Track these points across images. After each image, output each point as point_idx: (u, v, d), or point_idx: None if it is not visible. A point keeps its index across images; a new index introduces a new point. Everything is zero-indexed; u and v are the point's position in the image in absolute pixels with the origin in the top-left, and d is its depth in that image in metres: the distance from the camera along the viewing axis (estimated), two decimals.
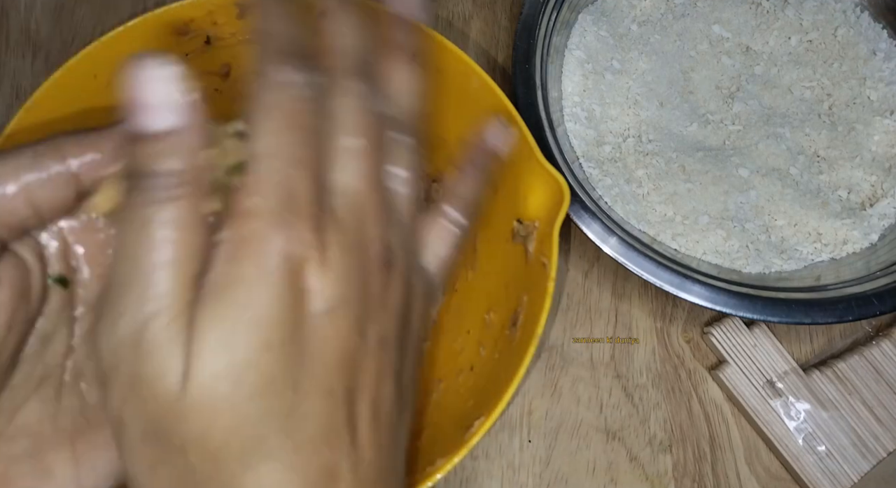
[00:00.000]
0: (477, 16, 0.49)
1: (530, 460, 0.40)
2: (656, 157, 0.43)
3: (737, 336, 0.41)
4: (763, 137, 0.44)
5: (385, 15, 0.26)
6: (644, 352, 0.42)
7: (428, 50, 0.27)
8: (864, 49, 0.47)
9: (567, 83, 0.44)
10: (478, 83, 0.34)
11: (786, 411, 0.40)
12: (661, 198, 0.42)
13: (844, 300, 0.38)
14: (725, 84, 0.46)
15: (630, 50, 0.46)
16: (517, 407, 0.41)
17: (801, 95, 0.46)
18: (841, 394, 0.40)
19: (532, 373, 0.41)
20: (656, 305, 0.43)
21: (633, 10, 0.48)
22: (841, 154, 0.44)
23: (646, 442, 0.40)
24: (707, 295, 0.37)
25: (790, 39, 0.47)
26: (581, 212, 0.38)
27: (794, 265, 0.41)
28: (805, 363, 0.42)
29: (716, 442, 0.40)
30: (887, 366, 0.41)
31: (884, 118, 0.45)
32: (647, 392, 0.41)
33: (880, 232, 0.42)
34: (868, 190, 0.44)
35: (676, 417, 0.41)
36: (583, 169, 0.42)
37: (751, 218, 0.42)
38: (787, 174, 0.43)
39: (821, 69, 0.46)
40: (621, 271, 0.42)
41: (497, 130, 0.30)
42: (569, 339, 0.42)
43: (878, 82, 0.46)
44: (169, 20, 0.33)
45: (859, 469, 0.39)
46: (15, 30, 0.47)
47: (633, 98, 0.45)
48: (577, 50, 0.45)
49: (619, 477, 0.39)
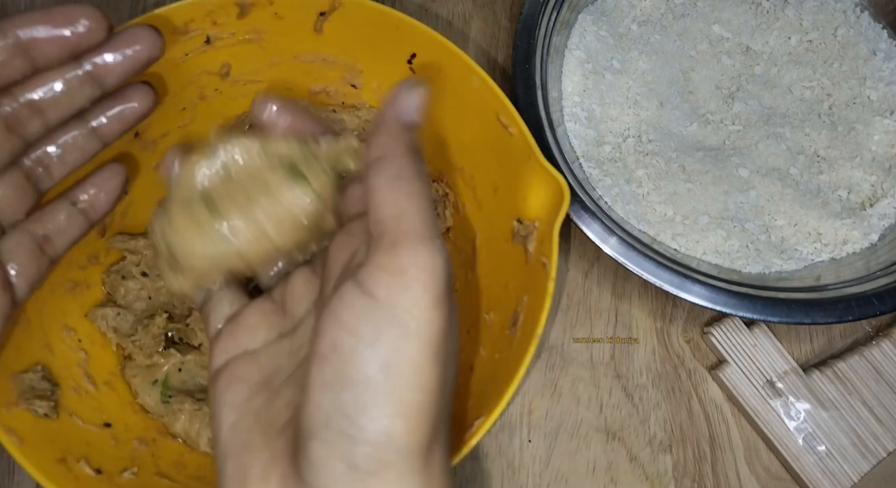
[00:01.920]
0: (477, 16, 0.49)
1: (530, 460, 0.40)
2: (656, 157, 0.43)
3: (737, 336, 0.41)
4: (763, 137, 0.44)
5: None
6: (644, 352, 0.42)
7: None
8: (864, 49, 0.47)
9: (567, 83, 0.44)
10: (478, 83, 0.34)
11: (786, 411, 0.40)
12: (661, 198, 0.42)
13: (844, 300, 0.38)
14: (725, 84, 0.46)
15: (630, 50, 0.46)
16: (517, 407, 0.41)
17: (801, 95, 0.46)
18: (841, 394, 0.40)
19: (532, 373, 0.41)
20: (656, 305, 0.43)
21: (633, 10, 0.48)
22: (841, 154, 0.44)
23: (646, 442, 0.40)
24: (707, 295, 0.37)
25: (790, 39, 0.47)
26: (581, 212, 0.38)
27: (794, 265, 0.41)
28: (805, 363, 0.42)
29: (716, 442, 0.40)
30: (887, 365, 0.41)
31: (884, 118, 0.45)
32: (647, 392, 0.41)
33: (880, 232, 0.42)
34: (868, 190, 0.44)
35: (676, 417, 0.41)
36: (583, 169, 0.42)
37: (751, 218, 0.42)
38: (787, 174, 0.43)
39: (821, 69, 0.46)
40: (621, 271, 0.42)
41: (404, 95, 0.27)
42: (569, 339, 0.42)
43: (878, 82, 0.46)
44: (169, 20, 0.33)
45: (859, 469, 0.39)
46: None
47: (633, 98, 0.45)
48: (577, 50, 0.45)
49: (619, 477, 0.39)
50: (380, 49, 0.37)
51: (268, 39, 0.37)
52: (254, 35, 0.36)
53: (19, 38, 0.25)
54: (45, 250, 0.29)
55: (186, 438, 0.35)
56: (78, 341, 0.35)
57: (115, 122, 0.29)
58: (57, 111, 0.27)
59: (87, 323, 0.36)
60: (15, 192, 0.28)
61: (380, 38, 0.36)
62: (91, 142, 0.29)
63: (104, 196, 0.31)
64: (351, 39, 0.37)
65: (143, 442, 0.34)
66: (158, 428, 0.35)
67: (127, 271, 0.38)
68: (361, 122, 0.40)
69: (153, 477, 0.33)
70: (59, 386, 0.33)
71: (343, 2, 0.35)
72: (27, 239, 0.29)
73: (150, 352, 0.37)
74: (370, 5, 0.35)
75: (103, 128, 0.29)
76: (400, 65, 0.37)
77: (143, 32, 0.27)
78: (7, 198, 0.27)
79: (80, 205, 0.30)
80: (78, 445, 0.31)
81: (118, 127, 0.30)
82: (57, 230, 0.30)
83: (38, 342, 0.33)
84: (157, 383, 0.36)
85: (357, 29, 0.36)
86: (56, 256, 0.30)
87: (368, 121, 0.40)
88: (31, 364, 0.32)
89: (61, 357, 0.34)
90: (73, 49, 0.26)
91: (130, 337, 0.37)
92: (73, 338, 0.35)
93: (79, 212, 0.30)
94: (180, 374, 0.37)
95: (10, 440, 0.29)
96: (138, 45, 0.27)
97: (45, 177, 0.29)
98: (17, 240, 0.28)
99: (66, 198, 0.30)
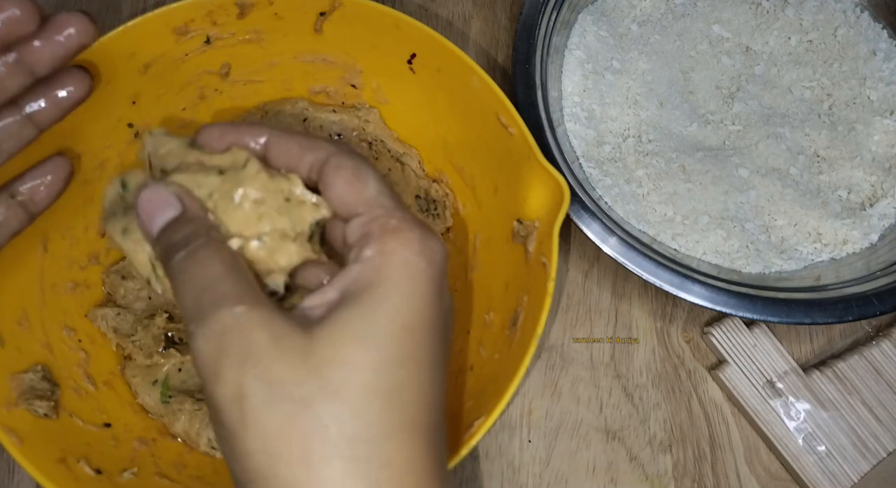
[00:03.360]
0: (477, 16, 0.49)
1: (530, 460, 0.40)
2: (656, 157, 0.43)
3: (737, 336, 0.41)
4: (763, 137, 0.44)
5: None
6: (644, 352, 0.42)
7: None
8: (864, 49, 0.47)
9: (567, 83, 0.44)
10: (478, 83, 0.34)
11: (786, 411, 0.40)
12: (661, 198, 0.42)
13: (844, 300, 0.38)
14: (725, 84, 0.46)
15: (630, 50, 0.46)
16: (517, 407, 0.41)
17: (801, 95, 0.46)
18: (841, 394, 0.40)
19: (532, 373, 0.41)
20: (656, 305, 0.43)
21: (633, 10, 0.48)
22: (841, 154, 0.44)
23: (646, 442, 0.40)
24: (707, 295, 0.37)
25: (790, 39, 0.47)
26: (581, 212, 0.38)
27: (794, 265, 0.41)
28: (805, 363, 0.42)
29: (716, 442, 0.40)
30: (887, 366, 0.41)
31: (884, 118, 0.45)
32: (647, 392, 0.41)
33: (880, 232, 0.42)
34: (868, 190, 0.44)
35: (676, 417, 0.41)
36: (583, 169, 0.42)
37: (751, 218, 0.42)
38: (787, 174, 0.43)
39: (821, 69, 0.46)
40: (621, 271, 0.42)
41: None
42: (569, 339, 0.42)
43: (878, 82, 0.46)
44: (169, 20, 0.33)
45: (859, 469, 0.39)
46: None
47: (633, 98, 0.45)
48: (577, 50, 0.45)
49: (619, 477, 0.39)
50: (380, 49, 0.37)
51: (268, 39, 0.37)
52: (254, 35, 0.36)
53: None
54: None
55: (186, 438, 0.35)
56: (78, 341, 0.35)
57: (51, 108, 0.29)
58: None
59: (87, 323, 0.36)
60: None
61: (380, 38, 0.36)
62: (26, 128, 0.29)
63: (44, 189, 0.31)
64: (351, 39, 0.37)
65: (143, 443, 0.34)
66: (158, 428, 0.35)
67: (127, 271, 0.38)
68: (361, 121, 0.40)
69: (153, 477, 0.33)
70: (59, 386, 0.33)
71: (343, 2, 0.35)
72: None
73: (150, 352, 0.37)
74: (370, 5, 0.35)
75: (38, 115, 0.29)
76: (400, 65, 0.37)
77: (75, 19, 0.27)
78: None
79: (18, 197, 0.30)
80: (78, 445, 0.31)
81: (54, 113, 0.29)
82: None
83: (38, 342, 0.33)
84: (157, 383, 0.36)
85: (357, 29, 0.36)
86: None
87: (368, 121, 0.40)
88: (31, 364, 0.32)
89: (61, 357, 0.34)
90: (3, 38, 0.26)
91: (130, 337, 0.37)
92: (73, 338, 0.35)
93: (17, 204, 0.30)
94: (180, 374, 0.37)
95: (10, 440, 0.29)
96: (69, 30, 0.27)
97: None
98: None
99: (5, 190, 0.30)
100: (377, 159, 0.40)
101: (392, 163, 0.40)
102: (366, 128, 0.40)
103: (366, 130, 0.40)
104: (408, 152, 0.40)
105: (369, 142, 0.40)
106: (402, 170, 0.40)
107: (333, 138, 0.40)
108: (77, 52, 0.27)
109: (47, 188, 0.31)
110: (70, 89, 0.29)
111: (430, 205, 0.40)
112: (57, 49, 0.27)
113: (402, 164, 0.40)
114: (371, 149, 0.40)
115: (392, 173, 0.40)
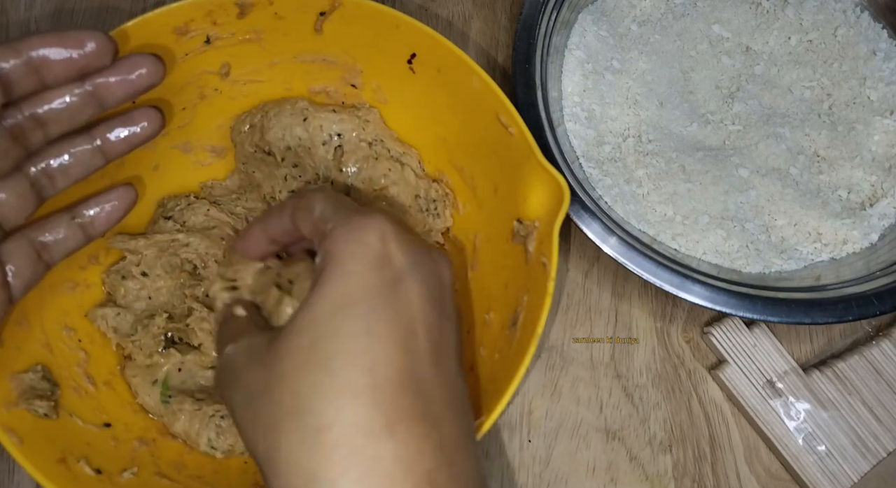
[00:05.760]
0: (477, 16, 0.49)
1: (530, 460, 0.40)
2: (656, 157, 0.43)
3: (737, 336, 0.41)
4: (763, 137, 0.44)
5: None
6: (644, 352, 0.42)
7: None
8: (864, 49, 0.47)
9: (567, 83, 0.44)
10: (478, 83, 0.34)
11: (786, 411, 0.40)
12: (661, 198, 0.42)
13: (844, 300, 0.38)
14: (725, 84, 0.46)
15: (630, 50, 0.46)
16: (517, 407, 0.41)
17: (801, 95, 0.46)
18: (841, 394, 0.40)
19: (532, 373, 0.41)
20: (656, 305, 0.43)
21: (633, 10, 0.48)
22: (841, 154, 0.44)
23: (646, 442, 0.40)
24: (707, 295, 0.37)
25: (790, 39, 0.47)
26: (581, 212, 0.38)
27: (794, 265, 0.41)
28: (805, 363, 0.42)
29: (716, 442, 0.40)
30: (887, 366, 0.41)
31: (884, 118, 0.45)
32: (647, 392, 0.41)
33: (880, 232, 0.42)
34: (868, 190, 0.44)
35: (676, 417, 0.41)
36: (583, 169, 0.42)
37: (751, 218, 0.42)
38: (787, 174, 0.43)
39: (821, 69, 0.46)
40: (621, 271, 0.42)
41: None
42: (569, 339, 0.42)
43: (878, 82, 0.46)
44: (169, 20, 0.33)
45: (859, 469, 0.39)
46: (15, 30, 0.47)
47: (633, 98, 0.45)
48: (577, 50, 0.45)
49: (619, 477, 0.39)
50: (380, 49, 0.37)
51: (268, 39, 0.37)
52: (254, 35, 0.36)
53: (32, 57, 0.27)
54: (42, 256, 0.31)
55: (186, 438, 0.35)
56: (78, 341, 0.35)
57: (121, 143, 0.31)
58: (58, 125, 0.29)
59: (87, 323, 0.36)
60: (18, 198, 0.29)
61: (380, 38, 0.36)
62: (95, 158, 0.31)
63: (104, 216, 0.32)
64: (351, 39, 0.37)
65: (143, 442, 0.34)
66: (158, 428, 0.35)
67: (127, 271, 0.38)
68: (361, 121, 0.40)
69: (153, 477, 0.33)
70: (59, 386, 0.33)
71: (343, 2, 0.35)
72: (26, 244, 0.30)
73: (150, 352, 0.37)
74: (370, 5, 0.35)
75: (109, 146, 0.31)
76: (400, 65, 0.37)
77: (147, 60, 0.29)
78: (10, 203, 0.29)
79: (80, 219, 0.32)
80: (78, 445, 0.31)
81: (123, 147, 0.31)
82: (55, 240, 0.31)
83: (38, 342, 0.33)
84: (157, 383, 0.36)
85: (357, 29, 0.36)
86: (52, 263, 0.31)
87: (368, 120, 0.40)
88: (31, 364, 0.32)
89: (61, 357, 0.34)
90: (81, 70, 0.28)
91: (130, 337, 0.37)
92: (73, 338, 0.35)
93: (78, 226, 0.32)
94: (180, 374, 0.37)
95: (10, 440, 0.29)
96: (141, 70, 0.29)
97: (48, 186, 0.30)
98: (17, 244, 0.30)
99: (69, 211, 0.32)
100: (377, 159, 0.40)
101: (392, 163, 0.40)
102: (366, 128, 0.40)
103: (366, 130, 0.40)
104: (408, 152, 0.40)
105: (369, 142, 0.40)
106: (402, 170, 0.40)
107: (333, 139, 0.40)
108: (145, 90, 0.30)
109: (108, 214, 0.33)
110: (144, 125, 0.32)
111: (429, 204, 0.40)
112: (128, 86, 0.29)
113: (401, 164, 0.40)
114: (371, 149, 0.40)
115: (392, 173, 0.40)
